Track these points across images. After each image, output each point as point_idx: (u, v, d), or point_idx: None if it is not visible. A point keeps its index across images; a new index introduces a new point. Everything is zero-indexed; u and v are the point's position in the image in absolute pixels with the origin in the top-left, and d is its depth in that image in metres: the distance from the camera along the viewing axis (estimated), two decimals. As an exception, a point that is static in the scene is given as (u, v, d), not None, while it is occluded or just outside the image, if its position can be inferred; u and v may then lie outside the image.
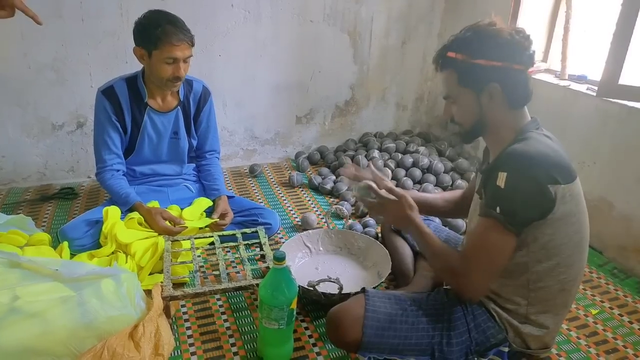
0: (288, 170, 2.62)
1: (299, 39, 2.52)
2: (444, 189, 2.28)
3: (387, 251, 1.63)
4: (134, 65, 1.82)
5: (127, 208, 1.73)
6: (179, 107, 1.86)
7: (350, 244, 1.77)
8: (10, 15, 1.24)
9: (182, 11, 1.91)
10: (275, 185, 2.43)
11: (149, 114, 1.81)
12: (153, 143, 1.88)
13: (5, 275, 1.10)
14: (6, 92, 2.14)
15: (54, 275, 1.17)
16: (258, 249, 1.76)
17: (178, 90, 1.83)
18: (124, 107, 1.77)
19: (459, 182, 2.24)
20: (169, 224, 1.70)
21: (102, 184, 1.81)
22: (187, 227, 1.72)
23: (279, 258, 1.20)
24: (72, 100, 2.24)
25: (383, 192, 1.28)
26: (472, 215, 1.28)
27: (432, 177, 2.30)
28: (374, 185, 1.30)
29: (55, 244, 1.64)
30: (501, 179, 1.05)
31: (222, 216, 1.80)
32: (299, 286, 1.32)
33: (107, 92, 1.75)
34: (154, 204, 1.85)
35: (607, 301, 1.64)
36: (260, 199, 2.29)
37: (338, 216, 2.10)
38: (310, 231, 1.79)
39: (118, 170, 1.82)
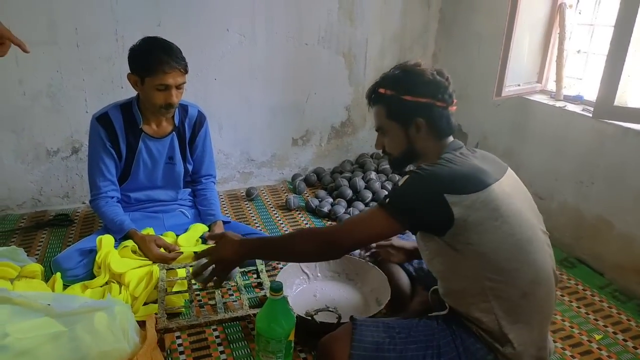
0: (285, 192, 2.61)
1: (294, 62, 2.52)
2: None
3: (385, 276, 1.61)
4: (130, 91, 1.81)
5: (122, 236, 1.70)
6: (174, 132, 1.85)
7: (349, 269, 1.75)
8: (5, 53, 1.29)
9: (177, 36, 1.92)
10: (272, 209, 2.41)
11: (144, 139, 1.80)
12: (148, 169, 1.87)
13: (-5, 312, 1.07)
14: (1, 119, 2.13)
15: (45, 310, 1.14)
16: (255, 276, 1.73)
17: (173, 116, 1.82)
18: (118, 133, 1.76)
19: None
20: (163, 251, 1.68)
21: (97, 211, 1.80)
22: (182, 253, 1.69)
23: (276, 289, 1.18)
24: (67, 126, 2.23)
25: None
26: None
27: (429, 199, 2.29)
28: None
29: (48, 274, 1.61)
30: (402, 180, 1.13)
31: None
32: (296, 316, 1.29)
33: (102, 119, 1.75)
34: (149, 230, 1.83)
35: (610, 325, 1.62)
36: (257, 222, 2.26)
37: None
38: (307, 257, 1.77)
39: (112, 197, 1.81)
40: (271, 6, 2.37)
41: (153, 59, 1.60)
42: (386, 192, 2.34)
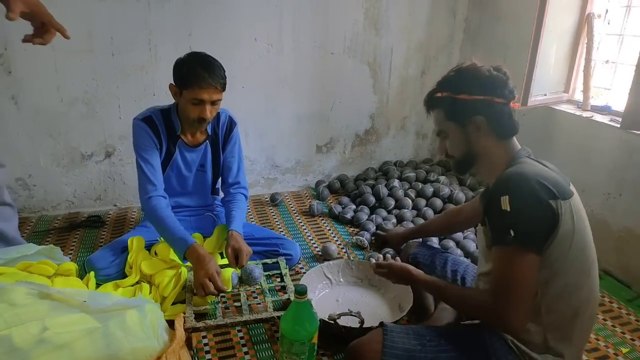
0: (308, 198, 2.64)
1: (320, 71, 2.57)
2: (466, 219, 2.26)
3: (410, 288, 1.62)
4: (161, 98, 1.88)
5: (181, 250, 1.60)
6: (207, 141, 1.89)
7: (371, 275, 1.76)
8: (50, 40, 1.27)
9: (207, 45, 1.98)
10: (295, 214, 2.45)
11: (179, 147, 1.84)
12: (181, 175, 1.91)
13: (36, 307, 1.13)
14: (40, 124, 2.23)
15: (81, 306, 1.19)
16: (279, 280, 1.77)
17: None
18: (162, 137, 1.79)
19: (481, 212, 2.22)
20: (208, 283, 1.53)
21: (153, 212, 1.67)
22: (226, 293, 1.59)
23: (301, 292, 1.21)
24: (101, 131, 2.32)
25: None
26: (480, 241, 1.30)
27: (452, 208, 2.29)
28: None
29: (82, 273, 1.68)
30: (505, 203, 1.06)
31: (237, 256, 1.65)
32: (319, 319, 1.32)
33: (147, 120, 1.75)
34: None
35: (637, 339, 1.59)
36: (281, 227, 2.30)
37: (358, 246, 2.10)
38: (330, 262, 1.80)
39: (165, 197, 1.76)
40: (298, 16, 2.42)
41: (191, 73, 1.62)
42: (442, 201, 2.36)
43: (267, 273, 1.70)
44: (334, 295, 1.72)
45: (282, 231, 2.27)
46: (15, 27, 2.03)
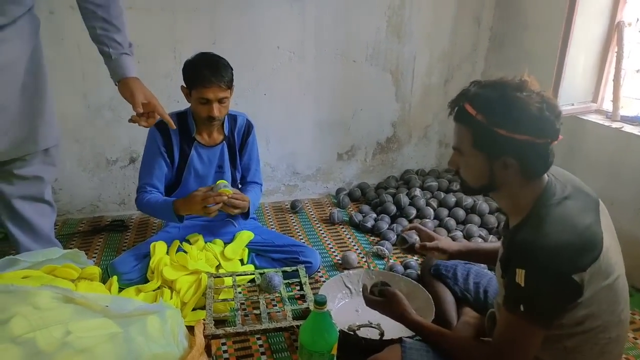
0: (329, 206, 2.64)
1: (342, 78, 2.57)
2: (489, 230, 2.22)
3: (430, 296, 1.60)
4: (184, 104, 1.90)
5: (173, 214, 1.73)
6: (224, 141, 1.92)
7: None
8: (152, 124, 1.52)
9: (231, 53, 2.00)
10: (315, 222, 2.45)
11: (195, 148, 1.88)
12: (199, 176, 1.94)
13: (60, 310, 1.14)
14: (67, 130, 2.28)
15: (104, 311, 1.21)
16: (298, 288, 1.76)
17: (223, 126, 1.89)
18: (173, 140, 1.84)
19: (505, 223, 2.18)
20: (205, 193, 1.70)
21: (141, 205, 1.82)
22: (226, 194, 1.69)
23: (320, 302, 1.20)
24: (125, 137, 2.36)
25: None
26: (497, 269, 1.22)
27: (476, 218, 2.25)
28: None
29: (105, 276, 1.70)
30: (520, 277, 0.98)
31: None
32: (339, 330, 1.31)
33: (159, 124, 1.79)
34: (198, 237, 1.90)
35: (669, 359, 1.53)
36: (301, 235, 2.30)
37: (379, 256, 2.08)
38: (350, 271, 1.78)
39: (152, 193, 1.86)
40: (320, 24, 2.43)
41: (196, 73, 1.69)
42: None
43: (286, 281, 1.69)
44: (354, 305, 1.71)
45: (302, 239, 2.26)
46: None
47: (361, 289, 1.73)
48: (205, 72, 1.67)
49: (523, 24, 2.46)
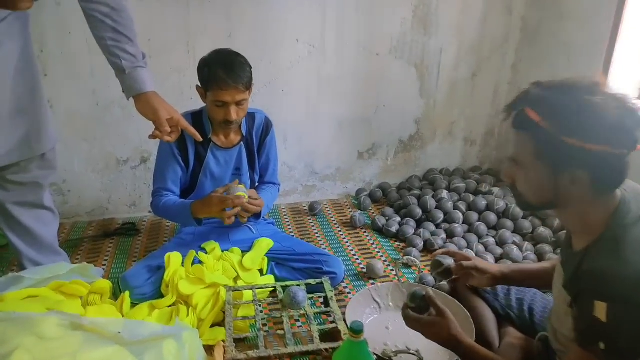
0: (349, 208, 2.50)
1: (364, 73, 2.42)
2: (523, 236, 2.07)
3: (468, 314, 1.46)
4: (198, 102, 1.78)
5: (190, 217, 1.64)
6: (242, 142, 1.80)
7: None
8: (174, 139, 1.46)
9: (247, 47, 1.88)
10: (336, 225, 2.31)
11: (212, 150, 1.76)
12: (215, 180, 1.82)
13: (68, 339, 1.03)
14: (75, 128, 2.16)
15: (115, 338, 1.10)
16: (322, 302, 1.64)
17: (241, 125, 1.77)
18: (188, 142, 1.73)
19: (541, 229, 2.03)
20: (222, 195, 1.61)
21: (156, 208, 1.73)
22: (243, 197, 1.60)
23: (357, 331, 1.07)
24: (136, 136, 2.23)
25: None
26: (558, 296, 1.09)
27: (509, 223, 2.10)
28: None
29: (116, 289, 1.59)
30: (600, 311, 0.86)
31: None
32: (374, 354, 1.18)
33: None
34: (214, 245, 1.78)
35: None
36: (321, 240, 2.17)
37: (407, 265, 1.94)
38: (379, 284, 1.65)
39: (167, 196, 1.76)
40: (342, 15, 2.28)
41: (212, 74, 1.56)
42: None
43: (310, 296, 1.57)
44: (384, 321, 1.58)
45: (323, 244, 2.13)
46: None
47: (389, 303, 1.62)
48: (221, 73, 1.54)
49: (560, 13, 2.28)
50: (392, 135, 2.61)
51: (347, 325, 1.43)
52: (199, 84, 1.66)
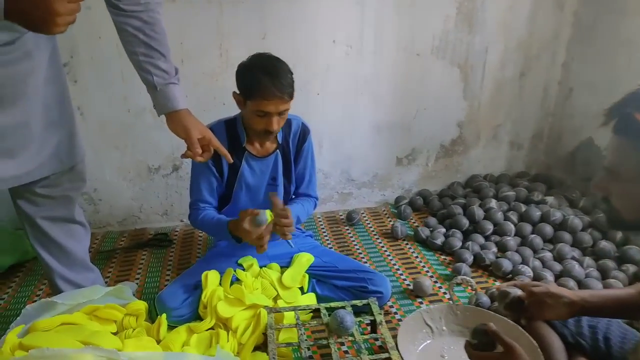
0: (388, 217, 2.37)
1: (404, 74, 2.29)
2: (583, 250, 1.91)
3: (535, 343, 1.32)
4: (231, 107, 1.68)
5: (228, 234, 1.58)
6: (277, 150, 1.70)
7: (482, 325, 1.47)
8: (208, 158, 1.39)
9: (282, 49, 1.77)
10: (375, 236, 2.19)
11: (246, 159, 1.66)
12: (250, 191, 1.73)
13: (105, 378, 0.94)
14: (106, 135, 2.10)
15: (156, 374, 1.00)
16: (368, 324, 1.52)
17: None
18: None
19: (603, 243, 1.86)
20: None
21: (195, 222, 1.68)
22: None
23: None
24: (168, 144, 2.15)
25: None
26: None
27: (567, 236, 1.94)
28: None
29: (151, 309, 1.50)
30: None
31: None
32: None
33: None
34: (252, 261, 1.69)
35: None
36: (361, 253, 2.05)
37: (458, 283, 1.80)
38: (431, 306, 1.53)
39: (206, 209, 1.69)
40: (382, 14, 2.15)
41: (255, 82, 1.45)
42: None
43: (359, 319, 1.45)
44: (438, 348, 1.45)
45: (363, 257, 2.01)
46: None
47: (443, 327, 1.47)
48: (266, 82, 1.43)
49: (620, 8, 2.10)
50: (433, 140, 2.47)
51: (400, 355, 1.31)
52: (237, 91, 1.55)
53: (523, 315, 1.26)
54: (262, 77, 1.43)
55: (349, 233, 2.23)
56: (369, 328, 1.53)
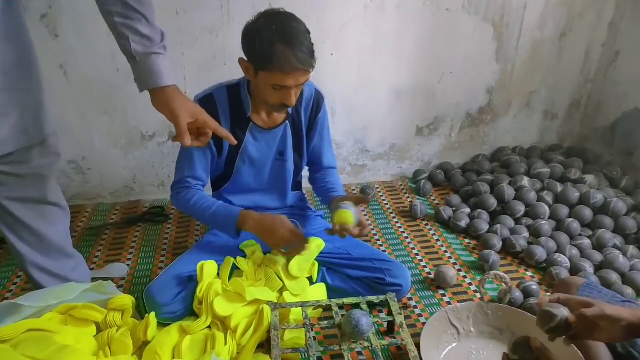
0: (405, 192, 2.16)
1: (430, 33, 2.01)
2: (626, 237, 1.70)
3: (578, 351, 1.14)
4: (234, 68, 1.44)
5: (235, 227, 1.38)
6: (287, 121, 1.47)
7: (516, 326, 1.29)
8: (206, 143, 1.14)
9: (292, 3, 1.51)
10: (392, 215, 1.99)
11: (251, 131, 1.44)
12: (254, 167, 1.51)
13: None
14: (93, 98, 1.87)
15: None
16: (385, 324, 1.34)
17: None
18: (222, 120, 1.40)
19: (652, 231, 1.65)
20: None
21: (182, 206, 1.45)
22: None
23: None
24: (163, 108, 1.92)
25: None
26: None
27: (608, 221, 1.72)
28: None
29: (140, 305, 1.32)
30: None
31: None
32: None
33: (205, 101, 1.38)
34: (255, 247, 1.50)
35: None
36: (376, 234, 1.85)
37: (482, 270, 1.62)
38: (458, 305, 1.33)
39: (198, 189, 1.47)
40: (407, -39, 1.86)
41: (272, 53, 1.19)
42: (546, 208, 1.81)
43: (375, 320, 1.27)
44: (465, 351, 1.28)
45: (379, 240, 1.82)
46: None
47: (470, 328, 1.28)
48: (286, 52, 1.18)
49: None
50: (459, 107, 2.22)
51: (424, 365, 1.13)
52: (245, 57, 1.29)
53: (571, 337, 1.05)
54: (280, 46, 1.18)
55: (363, 211, 2.02)
56: (385, 324, 1.35)
